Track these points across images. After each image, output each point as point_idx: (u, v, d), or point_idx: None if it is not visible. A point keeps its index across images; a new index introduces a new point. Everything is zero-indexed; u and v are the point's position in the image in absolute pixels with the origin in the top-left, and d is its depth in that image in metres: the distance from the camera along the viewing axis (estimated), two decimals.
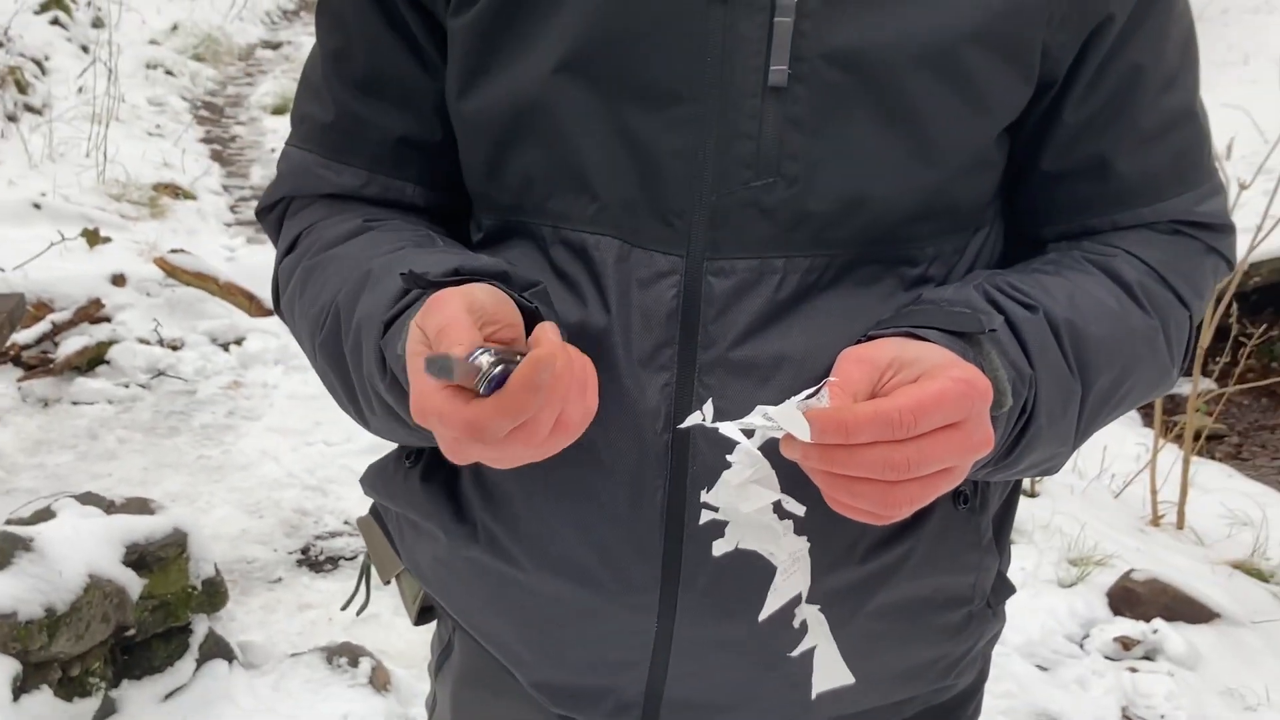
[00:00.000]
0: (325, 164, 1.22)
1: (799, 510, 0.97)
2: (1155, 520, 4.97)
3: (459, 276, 1.01)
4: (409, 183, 1.22)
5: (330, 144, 1.22)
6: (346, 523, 4.36)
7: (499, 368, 0.88)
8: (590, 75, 1.06)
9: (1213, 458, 6.00)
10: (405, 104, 1.19)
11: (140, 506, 3.36)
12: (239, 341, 5.83)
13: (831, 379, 0.96)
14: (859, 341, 1.04)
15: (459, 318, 0.92)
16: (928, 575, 1.18)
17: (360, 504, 3.53)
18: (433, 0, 1.14)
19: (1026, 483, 4.77)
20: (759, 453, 0.95)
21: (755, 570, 1.04)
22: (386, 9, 1.16)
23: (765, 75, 1.04)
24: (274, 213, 1.29)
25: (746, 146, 1.05)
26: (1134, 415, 5.92)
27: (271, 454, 4.85)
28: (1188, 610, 4.04)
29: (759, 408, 0.93)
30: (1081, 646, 3.91)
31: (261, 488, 4.60)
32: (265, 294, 5.87)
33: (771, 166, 1.06)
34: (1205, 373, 5.22)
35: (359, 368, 1.10)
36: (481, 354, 0.89)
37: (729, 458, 0.96)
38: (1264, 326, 5.56)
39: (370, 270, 1.11)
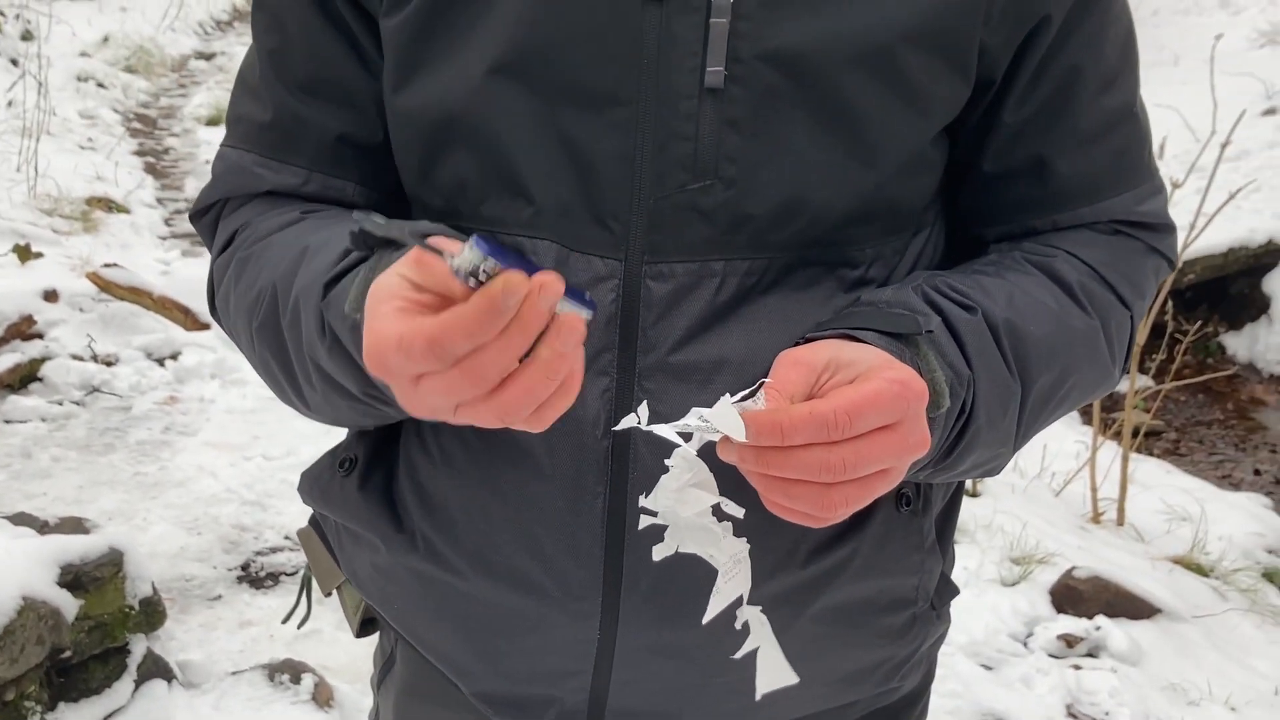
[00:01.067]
0: (263, 162, 1.19)
1: (738, 513, 0.96)
2: (1096, 517, 5.02)
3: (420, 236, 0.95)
4: (349, 182, 1.20)
5: (269, 143, 1.19)
6: (287, 538, 4.32)
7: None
8: (524, 78, 1.05)
9: (1151, 454, 6.07)
10: (346, 103, 1.17)
11: (75, 526, 3.31)
12: (175, 356, 5.76)
13: (767, 381, 0.95)
14: (797, 344, 1.03)
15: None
16: (871, 577, 1.17)
17: (300, 518, 3.48)
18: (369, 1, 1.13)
19: (968, 483, 4.79)
20: (696, 456, 0.94)
21: (696, 576, 1.03)
22: (325, 8, 1.15)
23: (702, 76, 1.03)
24: (209, 215, 1.26)
25: (684, 148, 1.05)
26: (1073, 413, 5.96)
27: (209, 469, 4.79)
28: (1129, 606, 4.08)
29: (694, 409, 0.92)
30: (1025, 645, 3.93)
31: (199, 504, 4.54)
32: (201, 307, 5.81)
33: (709, 168, 1.05)
34: (1142, 370, 5.27)
35: (298, 341, 1.06)
36: (490, 256, 0.80)
37: (667, 462, 0.95)
38: (1199, 323, 5.64)
39: (307, 246, 1.08)
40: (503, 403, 0.84)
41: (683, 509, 0.96)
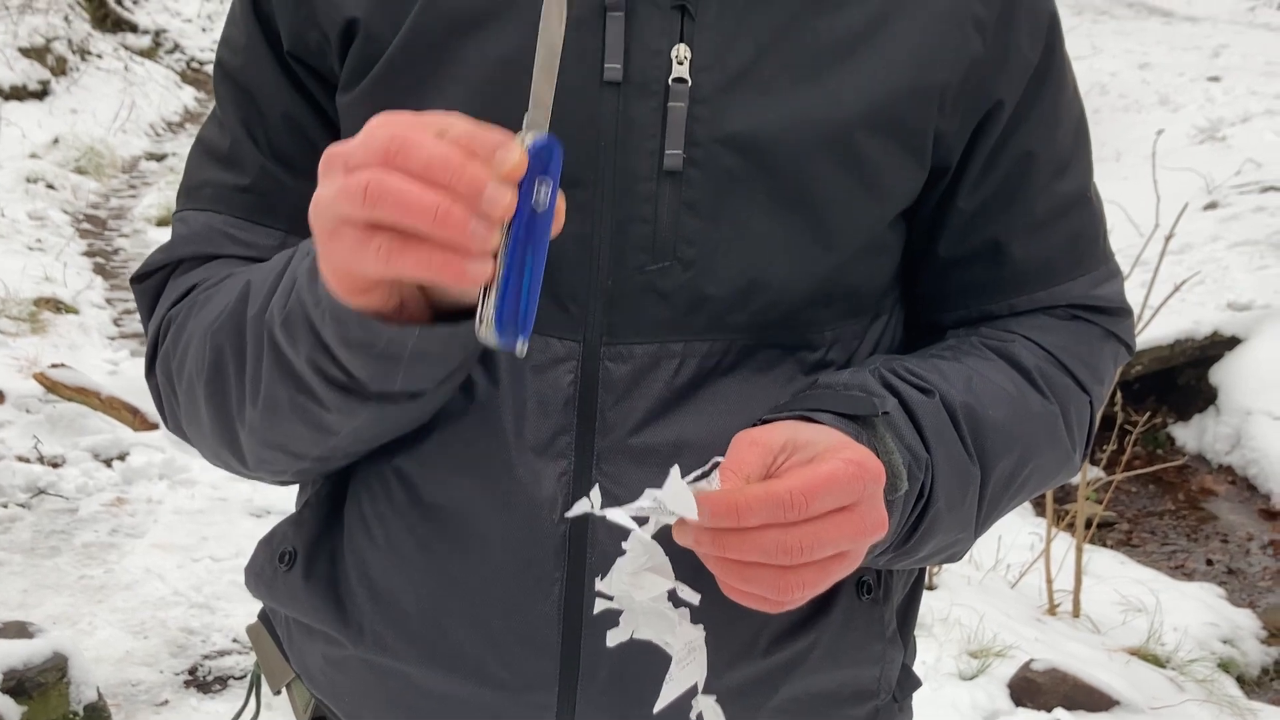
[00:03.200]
0: (238, 224, 1.16)
1: (693, 599, 0.95)
2: (1052, 609, 5.01)
3: None
4: None
5: (245, 205, 1.16)
6: (235, 641, 4.24)
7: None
8: None
9: (1104, 545, 6.08)
10: None
11: (19, 630, 3.25)
12: (122, 457, 5.68)
13: (720, 460, 0.95)
14: (754, 425, 1.03)
15: None
16: (832, 668, 1.16)
17: (248, 620, 3.43)
18: (332, 74, 1.12)
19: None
20: (652, 540, 0.93)
21: (655, 665, 1.02)
22: (293, 80, 1.14)
23: (660, 159, 1.04)
24: (155, 278, 1.20)
25: (642, 230, 1.05)
26: (1026, 504, 5.97)
27: (156, 572, 4.71)
28: (1088, 699, 4.06)
29: (647, 490, 0.91)
30: None
31: (146, 607, 4.46)
32: (149, 407, 5.74)
33: (667, 250, 1.05)
34: (1093, 461, 5.29)
35: (259, 326, 1.01)
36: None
37: (624, 544, 0.94)
38: (1148, 415, 5.67)
39: (296, 250, 1.03)
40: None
41: (638, 593, 0.94)
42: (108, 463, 5.65)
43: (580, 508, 0.93)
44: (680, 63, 1.04)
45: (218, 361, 1.07)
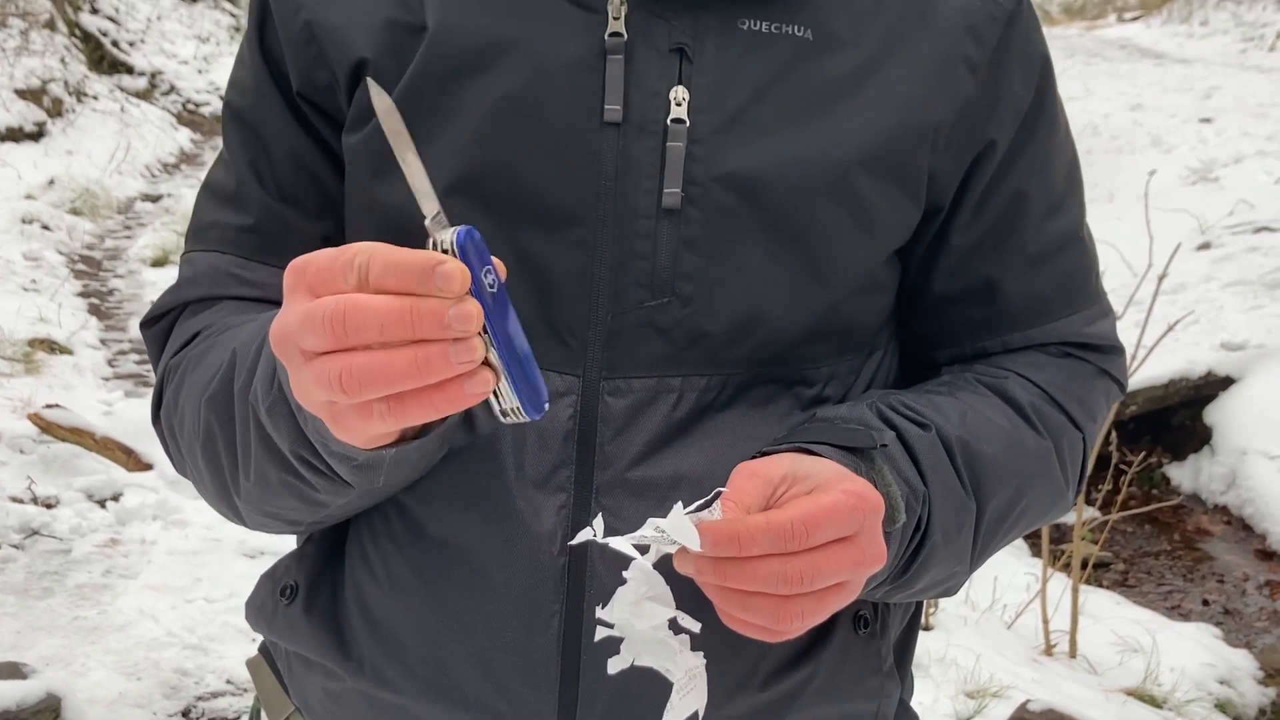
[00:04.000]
0: (243, 264, 1.17)
1: (694, 627, 0.96)
2: (1048, 649, 5.00)
3: None
4: None
5: (250, 245, 1.17)
6: (229, 682, 4.22)
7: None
8: (483, 197, 1.06)
9: (1100, 585, 6.06)
10: (329, 209, 1.16)
11: (11, 671, 3.24)
12: (116, 497, 5.66)
13: (722, 490, 0.96)
14: (753, 457, 1.04)
15: None
16: (829, 702, 1.16)
17: (242, 661, 3.42)
18: (340, 113, 1.14)
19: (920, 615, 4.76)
20: (653, 569, 0.93)
21: (652, 698, 1.02)
22: (301, 120, 1.15)
23: (659, 197, 1.06)
24: (164, 321, 1.21)
25: (641, 267, 1.06)
26: (1022, 545, 5.97)
27: (150, 613, 4.69)
28: None
29: (650, 520, 0.92)
30: None
31: (140, 648, 4.44)
32: (144, 448, 5.74)
33: (666, 286, 1.07)
34: (1088, 501, 5.29)
35: (245, 404, 1.02)
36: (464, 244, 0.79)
37: (624, 574, 0.95)
38: (1142, 455, 5.67)
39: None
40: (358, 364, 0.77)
41: (639, 621, 0.95)
42: (101, 503, 5.63)
43: (584, 536, 0.94)
44: (678, 104, 1.06)
45: (210, 434, 1.08)
